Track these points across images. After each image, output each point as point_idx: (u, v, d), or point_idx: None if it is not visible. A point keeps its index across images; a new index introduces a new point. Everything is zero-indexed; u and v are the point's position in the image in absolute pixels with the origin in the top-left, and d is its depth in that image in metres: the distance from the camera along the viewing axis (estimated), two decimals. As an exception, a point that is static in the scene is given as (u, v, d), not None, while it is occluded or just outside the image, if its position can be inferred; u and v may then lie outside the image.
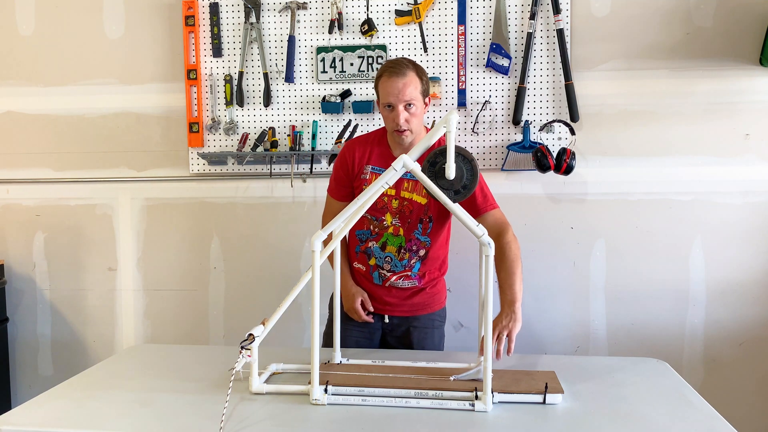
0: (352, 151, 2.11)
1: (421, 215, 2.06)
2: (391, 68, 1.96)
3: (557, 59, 2.66)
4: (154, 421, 1.47)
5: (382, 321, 2.18)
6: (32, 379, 3.07)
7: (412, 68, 1.97)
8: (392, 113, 1.96)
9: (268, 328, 1.62)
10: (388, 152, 2.09)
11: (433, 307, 2.20)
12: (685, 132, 2.65)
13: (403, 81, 1.93)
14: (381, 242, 2.09)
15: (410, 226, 2.07)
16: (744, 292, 2.67)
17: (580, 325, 2.76)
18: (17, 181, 3.00)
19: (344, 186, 2.14)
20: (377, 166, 2.08)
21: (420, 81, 1.97)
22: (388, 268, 2.11)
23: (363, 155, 2.10)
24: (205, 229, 2.93)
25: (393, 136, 2.03)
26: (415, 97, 1.95)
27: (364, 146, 2.12)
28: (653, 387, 1.66)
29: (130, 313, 2.99)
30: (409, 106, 1.95)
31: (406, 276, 2.12)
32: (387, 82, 1.95)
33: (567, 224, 2.73)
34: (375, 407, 1.52)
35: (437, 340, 2.22)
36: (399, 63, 1.97)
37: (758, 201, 2.64)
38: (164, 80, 2.88)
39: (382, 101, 1.99)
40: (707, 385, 2.70)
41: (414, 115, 1.97)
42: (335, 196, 2.18)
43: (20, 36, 2.94)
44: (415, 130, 2.01)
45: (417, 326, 2.17)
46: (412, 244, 2.08)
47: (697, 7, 2.61)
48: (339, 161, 2.15)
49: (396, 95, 1.93)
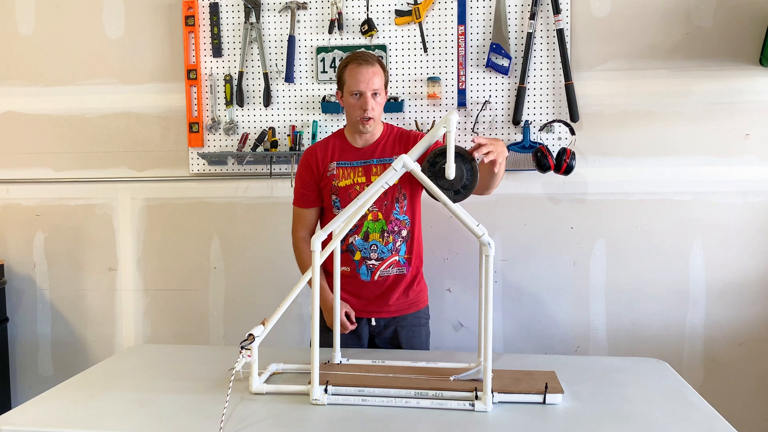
0: (313, 154, 2.16)
1: (395, 193, 2.11)
2: (360, 58, 2.05)
3: (557, 59, 2.66)
4: (154, 421, 1.47)
5: (369, 325, 2.18)
6: (32, 379, 3.07)
7: (377, 60, 2.07)
8: (360, 100, 2.03)
9: (268, 328, 1.62)
10: (348, 145, 2.14)
11: (418, 305, 2.22)
12: (685, 132, 2.65)
13: (372, 70, 2.02)
14: (363, 233, 2.11)
15: (388, 207, 2.10)
16: (744, 292, 2.67)
17: (580, 325, 2.76)
18: (17, 181, 3.00)
19: (311, 191, 2.16)
20: (341, 161, 2.13)
21: (384, 73, 2.07)
22: (375, 257, 2.12)
23: (325, 154, 2.14)
24: (205, 229, 2.93)
25: (357, 125, 2.07)
26: (380, 87, 2.05)
27: (324, 146, 2.17)
28: (653, 387, 1.66)
29: (130, 313, 2.99)
30: (375, 95, 2.03)
31: (396, 263, 2.13)
32: (356, 70, 2.02)
33: (567, 224, 2.73)
34: (375, 407, 1.52)
35: (424, 337, 2.24)
36: (366, 54, 2.08)
37: (758, 201, 2.64)
38: (164, 80, 2.88)
39: (349, 89, 2.04)
40: (707, 385, 2.70)
41: (378, 104, 2.06)
42: (303, 204, 2.19)
43: (20, 36, 2.94)
44: (377, 120, 2.09)
45: (404, 326, 2.19)
46: (393, 225, 2.11)
47: (697, 7, 2.61)
48: (302, 167, 2.18)
49: (366, 83, 2.01)
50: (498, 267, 2.76)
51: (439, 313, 2.69)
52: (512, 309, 2.78)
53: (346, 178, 2.11)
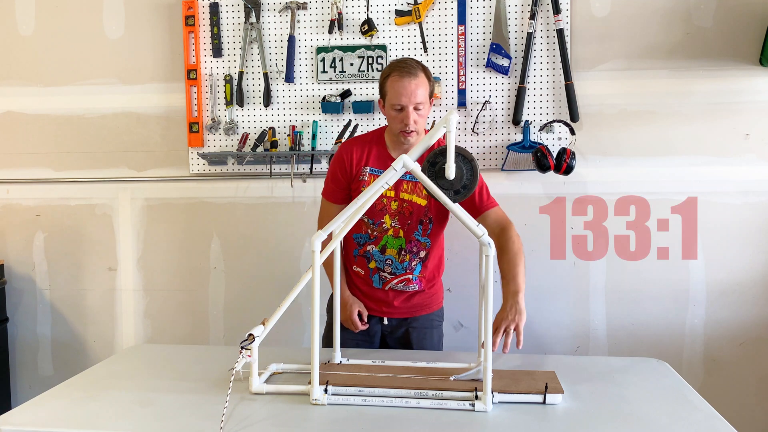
0: (350, 152, 2.07)
1: (421, 216, 2.05)
2: (403, 68, 1.92)
3: (557, 59, 2.66)
4: (154, 421, 1.47)
5: (381, 323, 2.17)
6: (32, 379, 3.07)
7: (422, 70, 1.95)
8: (401, 114, 1.93)
9: (268, 328, 1.62)
10: (386, 153, 2.06)
11: (431, 307, 2.19)
12: (685, 132, 2.65)
13: (415, 82, 1.91)
14: (380, 245, 2.07)
15: (410, 227, 2.05)
16: (744, 292, 2.67)
17: (580, 325, 2.76)
18: (17, 181, 3.00)
19: (342, 188, 2.10)
20: (375, 168, 2.05)
21: (428, 83, 1.96)
22: (389, 271, 2.09)
23: (361, 156, 2.06)
24: (205, 229, 2.92)
25: (398, 137, 1.98)
26: (425, 99, 1.93)
27: (362, 147, 2.08)
28: (653, 387, 1.66)
29: (130, 313, 2.99)
30: (418, 108, 1.93)
31: (408, 280, 2.10)
32: (399, 82, 1.91)
33: (567, 224, 2.73)
34: (375, 407, 1.52)
35: (436, 339, 2.21)
36: (410, 63, 1.94)
37: (758, 201, 2.64)
38: (164, 80, 2.88)
39: (391, 101, 1.94)
40: (707, 385, 2.70)
41: (421, 116, 1.95)
42: (332, 199, 2.13)
43: (20, 36, 2.94)
44: (420, 132, 1.99)
45: (416, 327, 2.17)
46: (412, 245, 2.07)
47: (697, 7, 2.61)
48: (336, 163, 2.09)
49: (408, 96, 1.90)
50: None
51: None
52: (512, 309, 2.77)
53: None
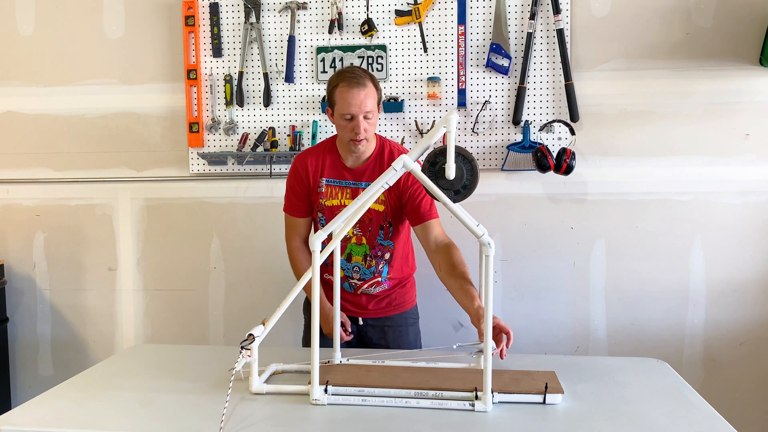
0: (304, 164, 2.07)
1: (381, 222, 2.07)
2: (351, 78, 1.92)
3: (557, 59, 2.66)
4: (154, 421, 1.47)
5: (357, 324, 2.19)
6: (32, 379, 3.07)
7: (369, 78, 1.95)
8: (351, 123, 1.93)
9: (268, 328, 1.62)
10: (340, 162, 2.06)
11: (404, 306, 2.22)
12: (685, 132, 2.65)
13: (364, 92, 1.91)
14: (346, 254, 2.09)
15: (372, 233, 2.07)
16: (744, 292, 2.67)
17: (580, 325, 2.76)
18: (17, 181, 3.00)
19: (303, 201, 2.10)
20: (331, 178, 2.06)
21: (376, 91, 1.97)
22: (357, 278, 2.12)
23: (317, 167, 2.06)
24: (205, 229, 2.93)
25: (348, 145, 1.98)
26: (373, 108, 1.94)
27: (316, 158, 2.07)
28: (653, 387, 1.66)
29: (130, 313, 2.99)
30: (368, 116, 1.93)
31: (377, 282, 2.13)
32: (348, 92, 1.91)
33: (567, 224, 2.73)
34: (375, 407, 1.52)
35: (413, 337, 2.23)
36: (357, 73, 1.94)
37: (758, 201, 2.64)
38: (164, 80, 2.88)
39: (340, 111, 1.94)
40: (707, 385, 2.70)
41: (371, 124, 1.96)
42: (295, 214, 2.12)
43: (20, 36, 2.94)
44: (370, 140, 2.01)
45: (391, 325, 2.19)
46: (376, 250, 2.09)
47: (697, 7, 2.61)
48: (293, 176, 2.09)
49: (358, 106, 1.90)
50: (498, 267, 2.77)
51: (439, 313, 2.69)
52: (512, 309, 2.78)
53: (333, 197, 2.05)
